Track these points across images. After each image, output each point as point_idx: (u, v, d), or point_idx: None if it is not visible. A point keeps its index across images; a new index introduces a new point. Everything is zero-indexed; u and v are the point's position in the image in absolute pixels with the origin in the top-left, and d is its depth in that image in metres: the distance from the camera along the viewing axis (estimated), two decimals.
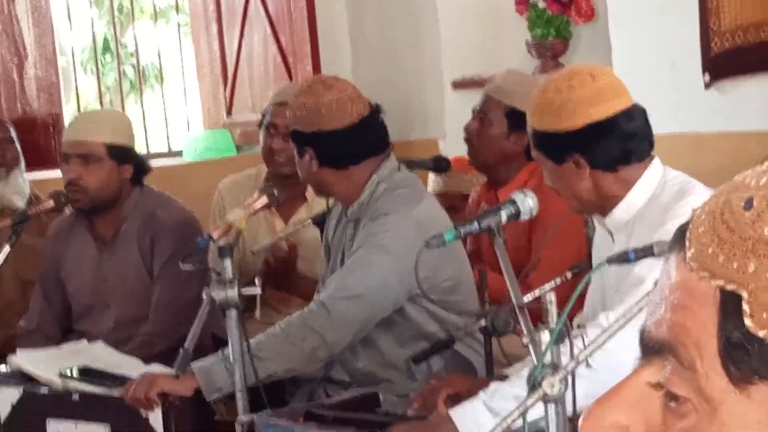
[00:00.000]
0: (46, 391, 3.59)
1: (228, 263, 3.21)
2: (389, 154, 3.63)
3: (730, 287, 0.85)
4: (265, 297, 3.99)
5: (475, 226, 2.83)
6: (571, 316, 2.93)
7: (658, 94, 4.54)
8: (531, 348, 2.52)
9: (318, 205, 4.26)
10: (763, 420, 0.84)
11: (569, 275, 2.91)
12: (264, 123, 4.52)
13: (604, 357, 2.41)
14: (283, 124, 4.28)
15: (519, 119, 3.61)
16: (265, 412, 3.19)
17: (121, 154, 4.13)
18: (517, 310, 2.64)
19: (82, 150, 4.10)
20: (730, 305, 0.85)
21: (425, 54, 6.11)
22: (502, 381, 2.86)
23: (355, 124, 3.54)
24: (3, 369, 3.79)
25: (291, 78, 6.36)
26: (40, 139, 6.29)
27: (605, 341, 2.31)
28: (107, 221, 4.19)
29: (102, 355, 3.80)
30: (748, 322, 0.84)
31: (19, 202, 4.89)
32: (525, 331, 2.56)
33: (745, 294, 0.84)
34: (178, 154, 7.04)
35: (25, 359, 3.75)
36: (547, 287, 2.58)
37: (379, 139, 3.62)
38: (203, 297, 3.19)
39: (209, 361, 3.37)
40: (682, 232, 0.90)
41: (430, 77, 6.10)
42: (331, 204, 3.78)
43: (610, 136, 2.94)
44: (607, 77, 2.98)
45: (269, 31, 6.55)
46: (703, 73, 4.67)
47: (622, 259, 2.52)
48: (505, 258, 2.74)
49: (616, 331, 2.29)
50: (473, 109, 4.26)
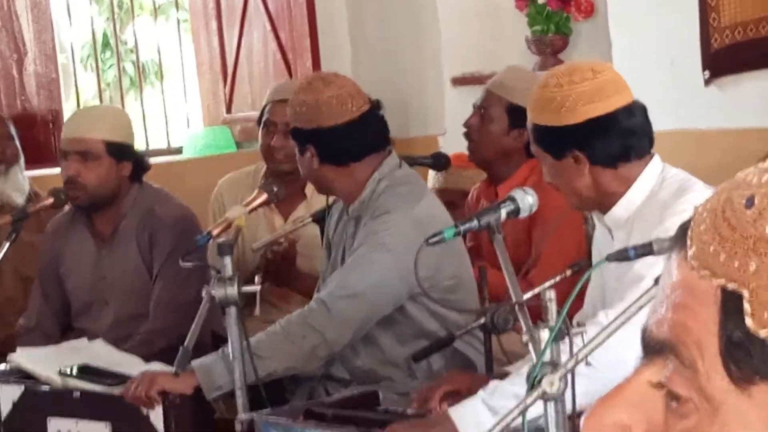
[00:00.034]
0: (47, 389, 3.59)
1: (228, 261, 3.21)
2: (391, 151, 3.62)
3: (731, 286, 0.84)
4: (264, 293, 3.98)
5: (474, 224, 2.82)
6: (571, 314, 2.93)
7: (657, 91, 4.54)
8: (530, 346, 2.51)
9: (317, 202, 4.26)
10: (764, 420, 0.83)
11: (569, 273, 2.91)
12: (262, 121, 4.51)
13: (604, 354, 2.41)
14: (282, 122, 4.27)
15: (520, 115, 3.60)
16: (264, 411, 3.19)
17: (120, 152, 4.12)
18: (516, 307, 2.63)
19: (80, 147, 4.09)
20: (731, 304, 0.84)
21: (425, 51, 6.10)
22: (502, 379, 2.85)
23: (355, 120, 3.53)
24: (3, 367, 3.78)
25: (291, 75, 6.35)
26: (40, 136, 6.28)
27: (605, 339, 2.31)
28: (106, 218, 4.18)
29: (102, 354, 3.79)
30: (748, 321, 0.83)
31: (19, 199, 4.88)
32: (525, 329, 2.56)
33: (746, 293, 0.83)
34: (177, 151, 7.03)
35: (24, 358, 3.74)
36: (546, 285, 2.57)
37: (379, 135, 3.61)
38: (203, 295, 3.18)
39: (209, 359, 3.36)
40: (684, 230, 0.89)
41: (430, 74, 6.08)
42: (330, 201, 3.78)
43: (609, 133, 2.93)
44: (608, 73, 2.98)
45: (269, 28, 6.54)
46: (703, 69, 4.67)
47: (622, 256, 2.52)
48: (504, 255, 2.73)
49: (616, 329, 2.28)
50: (474, 104, 4.25)
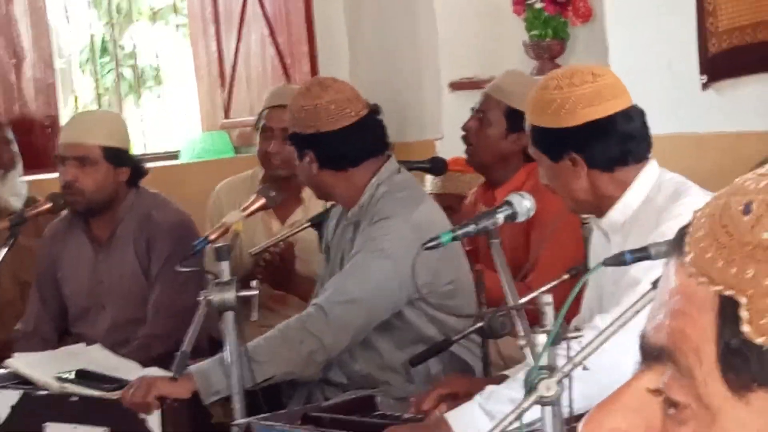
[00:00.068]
0: (45, 394, 3.58)
1: (225, 265, 3.20)
2: (390, 156, 3.62)
3: (728, 293, 0.84)
4: (262, 297, 3.98)
5: (471, 228, 2.82)
6: (569, 319, 2.93)
7: (655, 95, 4.54)
8: (527, 350, 2.51)
9: (314, 206, 4.26)
10: (761, 428, 0.83)
11: (566, 277, 2.91)
12: (259, 126, 4.51)
13: (599, 358, 2.41)
14: (279, 127, 4.27)
15: (518, 120, 3.60)
16: (262, 415, 3.18)
17: (118, 157, 4.12)
18: (513, 311, 2.63)
19: (78, 152, 4.08)
20: (728, 311, 0.83)
21: (423, 55, 6.10)
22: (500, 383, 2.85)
23: (354, 125, 3.53)
24: (1, 372, 3.78)
25: (289, 79, 6.35)
26: (38, 141, 6.26)
27: (601, 343, 2.31)
28: (103, 223, 4.17)
29: (99, 359, 3.79)
30: (746, 328, 0.82)
31: (17, 204, 4.87)
32: (521, 333, 2.56)
33: (743, 300, 0.83)
34: (175, 156, 7.03)
35: (22, 363, 3.74)
36: (543, 289, 2.57)
37: (378, 140, 3.61)
38: (200, 299, 3.18)
39: (207, 363, 3.36)
40: (682, 235, 0.89)
41: (428, 78, 6.08)
42: (328, 206, 3.77)
43: (608, 136, 2.93)
44: (608, 77, 2.98)
45: (267, 32, 6.54)
46: (701, 73, 4.67)
47: (619, 261, 2.51)
48: (501, 260, 2.73)
49: (612, 334, 2.28)
50: (472, 108, 4.25)
